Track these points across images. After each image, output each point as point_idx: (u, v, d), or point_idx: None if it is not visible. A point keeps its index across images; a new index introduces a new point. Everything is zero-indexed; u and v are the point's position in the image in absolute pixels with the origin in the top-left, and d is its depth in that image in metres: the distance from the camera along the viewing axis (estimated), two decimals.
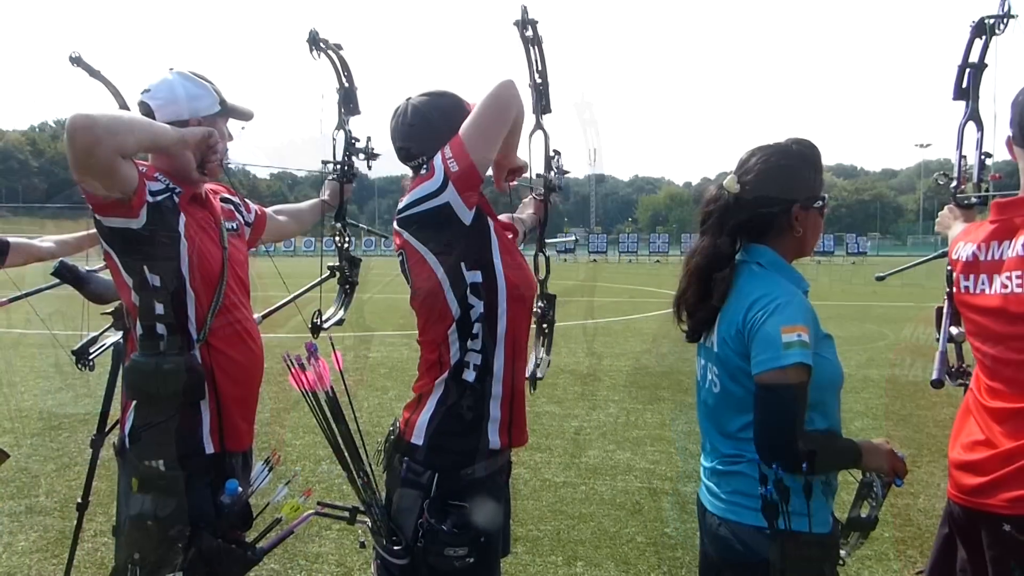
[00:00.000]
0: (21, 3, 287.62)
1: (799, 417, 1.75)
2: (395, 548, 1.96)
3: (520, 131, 2.10)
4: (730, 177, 1.93)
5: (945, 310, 2.46)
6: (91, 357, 3.23)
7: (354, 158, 2.96)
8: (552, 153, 2.63)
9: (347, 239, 2.96)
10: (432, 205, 1.95)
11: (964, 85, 2.59)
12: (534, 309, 2.55)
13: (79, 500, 3.33)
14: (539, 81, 2.57)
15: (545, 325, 2.70)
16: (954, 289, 2.10)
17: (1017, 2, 2.51)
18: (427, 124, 2.05)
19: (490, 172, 2.09)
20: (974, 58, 2.56)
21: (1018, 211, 1.92)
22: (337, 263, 2.99)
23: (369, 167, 3.01)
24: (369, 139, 2.97)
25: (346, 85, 2.90)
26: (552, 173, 2.64)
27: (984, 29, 2.53)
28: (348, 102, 2.91)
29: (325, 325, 2.85)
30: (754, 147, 1.98)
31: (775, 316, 1.76)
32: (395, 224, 2.06)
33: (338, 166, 2.95)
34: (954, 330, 2.40)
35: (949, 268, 2.19)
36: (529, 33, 2.49)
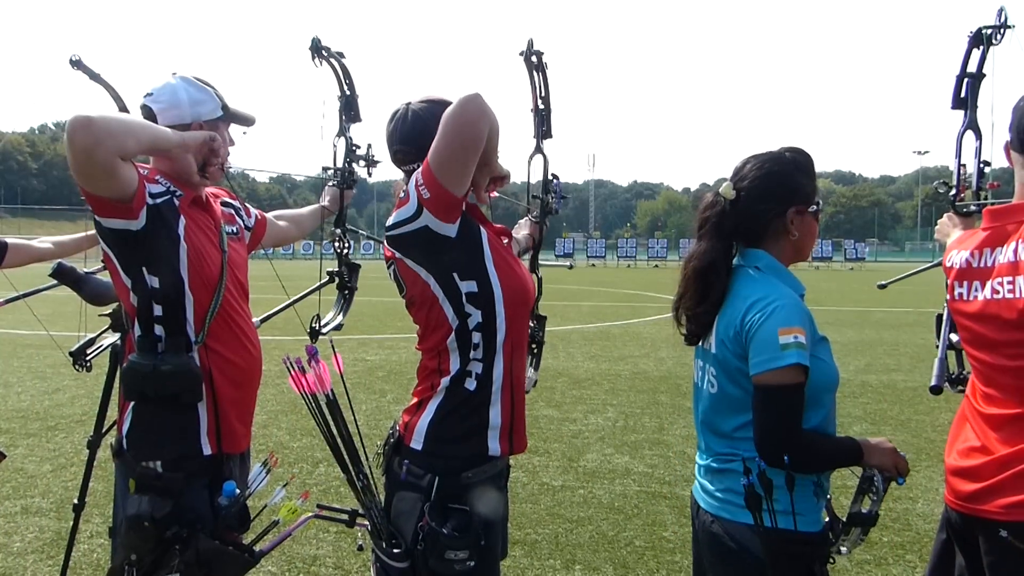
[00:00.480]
0: (22, 5, 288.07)
1: (798, 417, 1.79)
2: (395, 551, 1.96)
3: (497, 140, 1.99)
4: (726, 184, 1.99)
5: (945, 317, 2.48)
6: (88, 358, 3.24)
7: (354, 165, 2.97)
8: (551, 177, 2.63)
9: (347, 245, 2.97)
10: (411, 228, 1.95)
11: (962, 95, 2.61)
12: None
13: (75, 501, 3.32)
14: (542, 107, 2.58)
15: (534, 345, 2.71)
16: (948, 296, 2.11)
17: (1014, 13, 2.53)
18: (425, 132, 2.00)
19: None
20: (972, 68, 2.57)
21: (1011, 218, 1.93)
22: (336, 268, 3.00)
23: (369, 174, 3.03)
24: (370, 146, 3.00)
25: (347, 93, 2.92)
26: (550, 196, 2.65)
27: (982, 39, 2.55)
28: (349, 109, 2.93)
29: (324, 330, 2.86)
30: (749, 155, 2.03)
31: (772, 318, 1.80)
32: (384, 239, 2.06)
33: (339, 172, 2.97)
34: (954, 337, 2.41)
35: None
36: (534, 60, 2.50)
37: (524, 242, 2.72)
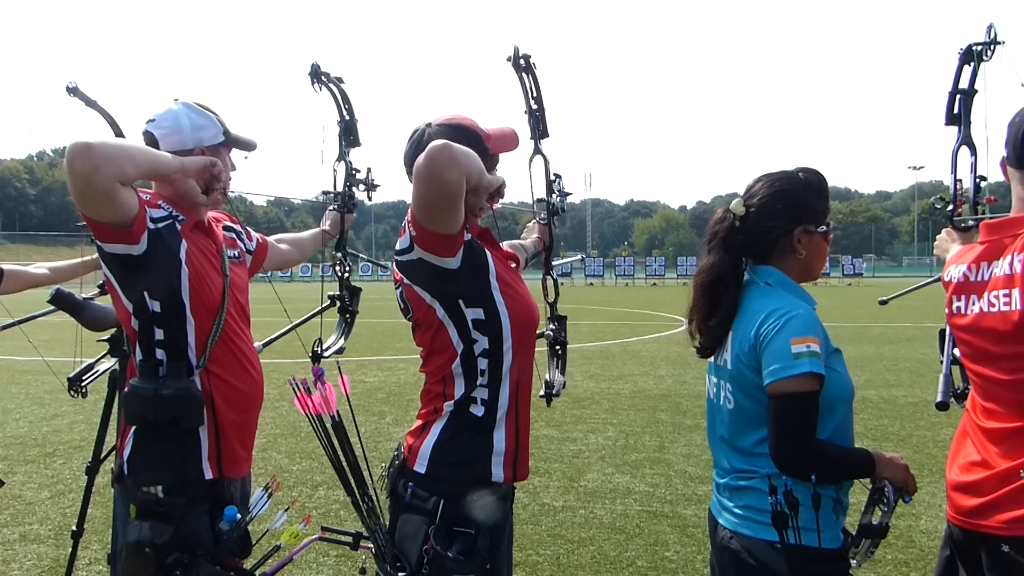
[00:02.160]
0: (19, 33, 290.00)
1: (812, 425, 1.80)
2: (399, 574, 1.95)
3: (477, 181, 1.91)
4: (736, 200, 2.02)
5: (948, 332, 2.47)
6: (84, 384, 3.23)
7: (354, 189, 2.99)
8: (553, 177, 2.65)
9: (347, 268, 2.98)
10: (410, 259, 1.96)
11: (955, 111, 2.62)
12: (546, 331, 2.56)
13: (74, 528, 3.31)
14: (535, 108, 2.60)
15: (558, 347, 2.71)
16: (946, 310, 2.12)
17: (1003, 29, 2.55)
18: None
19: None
20: (964, 84, 2.60)
21: (1007, 231, 1.94)
22: (337, 292, 3.01)
23: (369, 198, 3.05)
24: (369, 170, 3.01)
25: (347, 117, 2.95)
26: (554, 196, 2.66)
27: (972, 56, 2.57)
28: (348, 134, 2.95)
29: (326, 354, 2.87)
30: (762, 174, 2.06)
31: (786, 329, 1.82)
32: (394, 263, 2.07)
33: (339, 197, 2.98)
34: (958, 352, 2.42)
35: None
36: (521, 63, 2.53)
37: (535, 246, 2.72)
